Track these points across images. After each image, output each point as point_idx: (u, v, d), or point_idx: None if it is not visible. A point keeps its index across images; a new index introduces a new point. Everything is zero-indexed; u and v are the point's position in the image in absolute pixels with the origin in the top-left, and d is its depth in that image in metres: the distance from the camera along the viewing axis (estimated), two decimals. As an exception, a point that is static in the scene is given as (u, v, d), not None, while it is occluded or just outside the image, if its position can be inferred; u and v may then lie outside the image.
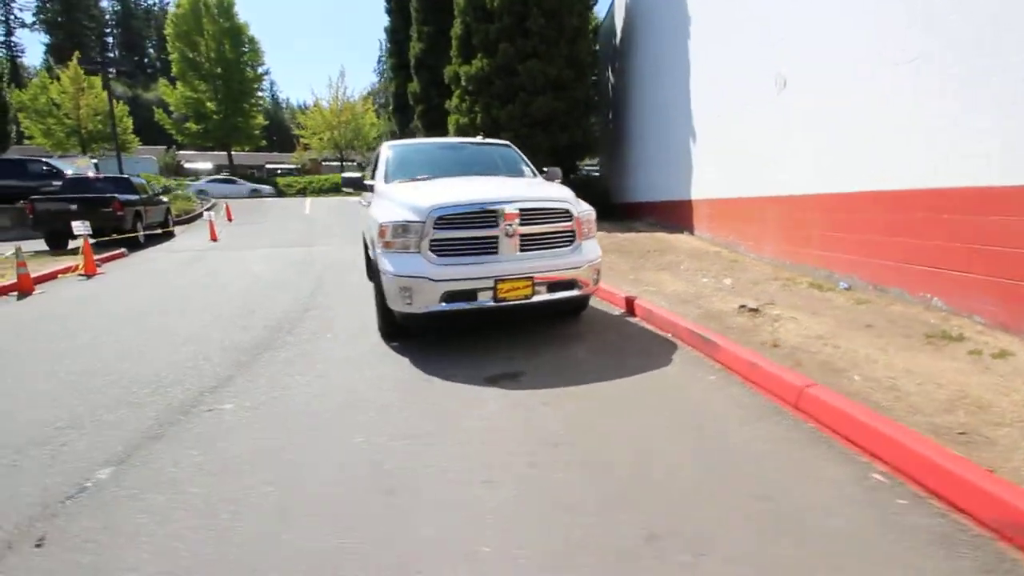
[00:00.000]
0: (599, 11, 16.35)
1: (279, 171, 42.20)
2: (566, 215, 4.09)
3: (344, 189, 5.92)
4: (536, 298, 3.96)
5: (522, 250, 3.95)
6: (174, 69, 28.96)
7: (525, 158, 5.62)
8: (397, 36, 18.57)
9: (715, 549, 1.73)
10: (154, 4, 66.59)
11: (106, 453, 2.54)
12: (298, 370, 3.70)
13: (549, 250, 4.05)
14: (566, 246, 4.13)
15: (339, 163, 41.88)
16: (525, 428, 2.68)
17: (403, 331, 4.30)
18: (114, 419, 2.93)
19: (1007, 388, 2.71)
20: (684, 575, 1.64)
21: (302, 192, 32.76)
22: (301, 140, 40.43)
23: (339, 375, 3.57)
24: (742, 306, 4.63)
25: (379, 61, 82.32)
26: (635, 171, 12.13)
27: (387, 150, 5.31)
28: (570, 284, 4.10)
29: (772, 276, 5.76)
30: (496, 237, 3.86)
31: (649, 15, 11.29)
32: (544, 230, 4.01)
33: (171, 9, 29.54)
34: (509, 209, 3.85)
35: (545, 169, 5.53)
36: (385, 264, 3.90)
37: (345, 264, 8.77)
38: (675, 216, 9.25)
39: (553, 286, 4.01)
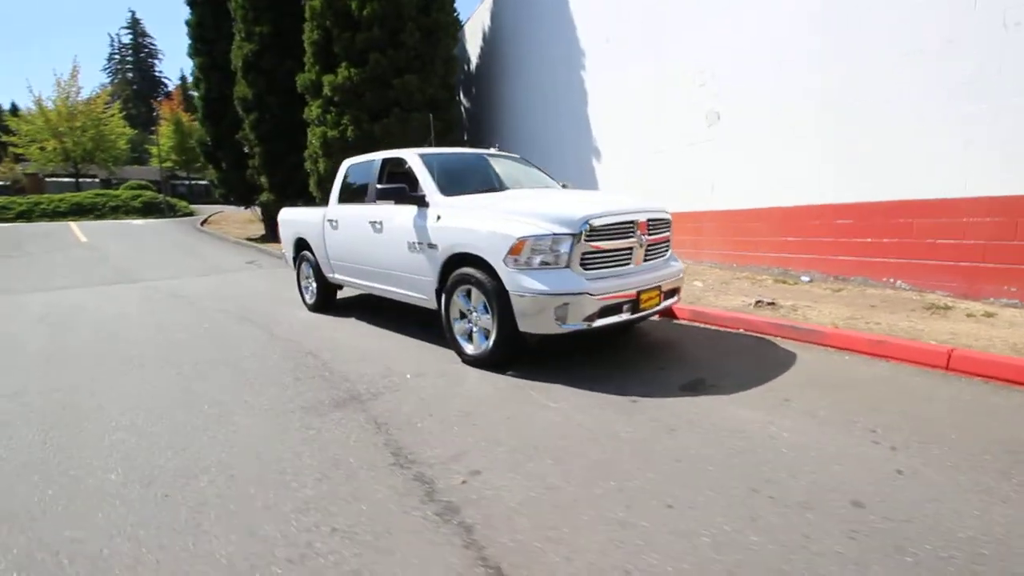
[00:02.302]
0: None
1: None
2: (668, 225, 4.24)
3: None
4: (659, 307, 4.01)
5: (645, 260, 3.96)
6: None
7: (545, 170, 5.54)
8: (205, 33, 15.60)
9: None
10: None
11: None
12: (479, 423, 3.02)
13: (659, 260, 4.15)
14: (665, 255, 4.27)
15: (73, 179, 32.94)
16: (817, 423, 2.76)
17: (513, 358, 3.84)
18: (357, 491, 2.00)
19: (1029, 335, 3.87)
20: None
21: (25, 216, 24.76)
22: (11, 150, 30.47)
23: (537, 420, 3.04)
24: (759, 301, 5.39)
25: (110, 59, 67.33)
26: (517, 191, 12.59)
27: (416, 159, 4.63)
28: (674, 292, 4.25)
29: (732, 276, 6.79)
30: (632, 248, 3.80)
31: (522, 48, 12.00)
32: (659, 239, 4.09)
33: None
34: (642, 219, 3.85)
35: (563, 183, 5.54)
36: (528, 282, 3.46)
37: (240, 298, 7.20)
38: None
39: (667, 294, 4.11)
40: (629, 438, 2.68)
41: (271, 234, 17.78)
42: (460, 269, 3.92)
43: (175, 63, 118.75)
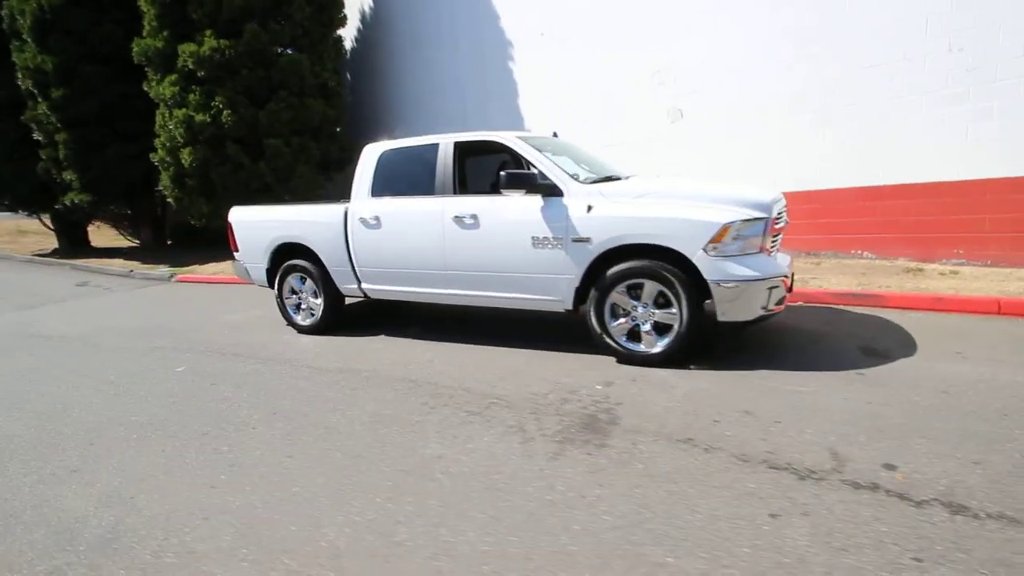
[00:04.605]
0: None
1: None
2: (771, 210, 4.48)
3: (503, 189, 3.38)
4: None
5: (774, 245, 4.14)
6: None
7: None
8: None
9: None
10: None
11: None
12: (784, 422, 2.80)
13: (778, 243, 4.36)
14: (771, 239, 4.51)
15: None
16: (1012, 367, 3.22)
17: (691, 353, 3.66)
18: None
19: (1001, 283, 5.09)
20: None
21: None
22: None
23: (828, 405, 2.95)
24: (773, 278, 6.06)
25: None
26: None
27: (521, 143, 4.02)
28: (783, 273, 4.52)
29: (710, 259, 7.46)
30: (780, 233, 3.93)
31: (422, 37, 11.22)
32: (782, 223, 4.30)
33: None
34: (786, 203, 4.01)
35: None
36: (736, 269, 3.34)
37: (156, 330, 5.59)
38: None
39: (785, 276, 4.35)
40: (932, 405, 2.78)
41: (71, 247, 13.58)
42: (626, 263, 3.58)
43: None
